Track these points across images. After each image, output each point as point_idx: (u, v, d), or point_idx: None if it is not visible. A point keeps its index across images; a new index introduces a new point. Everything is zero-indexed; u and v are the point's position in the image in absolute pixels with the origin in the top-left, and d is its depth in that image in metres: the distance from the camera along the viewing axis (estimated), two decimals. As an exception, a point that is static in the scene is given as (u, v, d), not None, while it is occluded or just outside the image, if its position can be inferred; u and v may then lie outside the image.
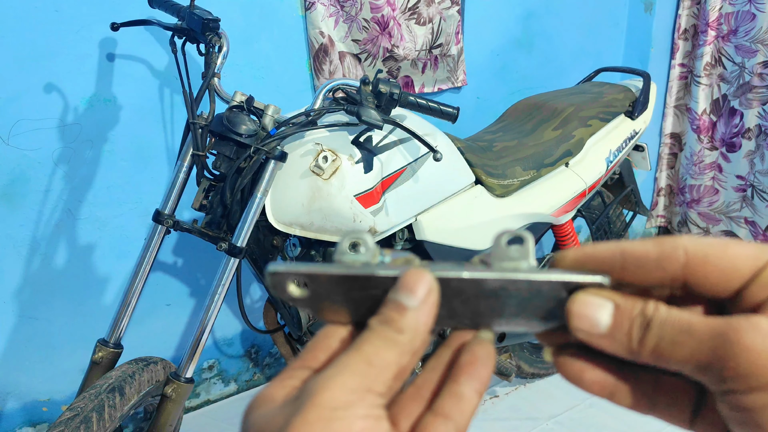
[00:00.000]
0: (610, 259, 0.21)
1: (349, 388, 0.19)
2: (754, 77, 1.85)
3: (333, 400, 0.18)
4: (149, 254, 0.98)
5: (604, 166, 1.36)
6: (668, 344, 0.19)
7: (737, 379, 0.17)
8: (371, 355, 0.20)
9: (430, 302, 0.21)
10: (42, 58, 1.15)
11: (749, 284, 0.19)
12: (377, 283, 0.21)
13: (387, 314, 0.21)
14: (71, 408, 0.85)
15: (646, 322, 0.20)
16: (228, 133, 0.92)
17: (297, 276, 0.22)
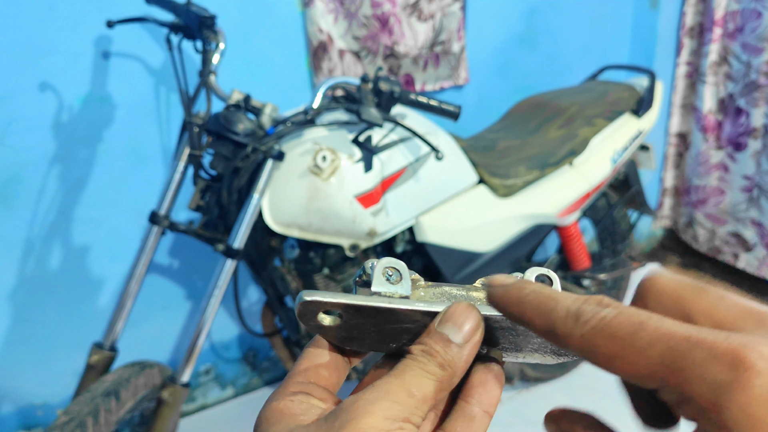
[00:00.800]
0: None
1: (390, 416, 0.19)
2: (761, 76, 1.83)
3: (374, 427, 0.19)
4: (145, 256, 0.97)
5: (609, 165, 1.34)
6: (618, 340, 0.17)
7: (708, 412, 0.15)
8: (413, 386, 0.20)
9: (475, 341, 0.21)
10: (36, 57, 1.14)
11: None
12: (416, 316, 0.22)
13: (432, 346, 0.21)
14: (66, 412, 0.85)
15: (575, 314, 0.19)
16: (225, 132, 0.90)
17: (334, 306, 0.21)
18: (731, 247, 2.05)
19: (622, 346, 0.16)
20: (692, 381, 0.15)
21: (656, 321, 0.16)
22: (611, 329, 0.17)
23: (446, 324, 0.21)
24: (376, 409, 0.19)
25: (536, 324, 0.19)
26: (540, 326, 0.19)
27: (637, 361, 0.16)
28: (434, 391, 0.20)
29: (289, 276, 1.06)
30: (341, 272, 1.06)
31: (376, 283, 0.22)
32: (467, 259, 1.15)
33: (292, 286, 1.06)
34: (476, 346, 0.21)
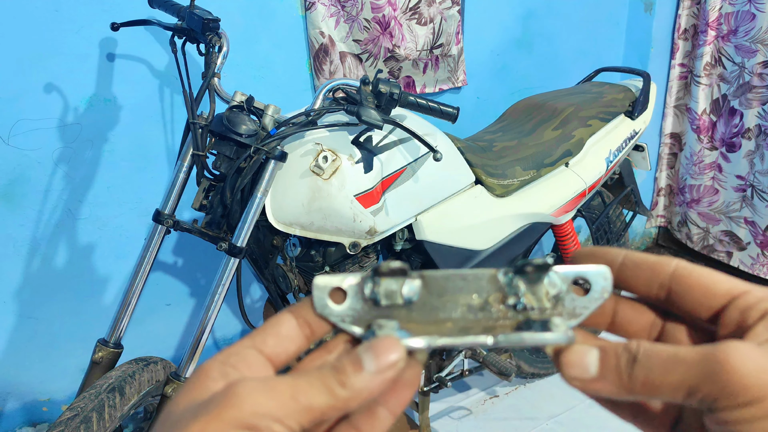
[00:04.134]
0: (615, 255, 0.24)
1: (261, 411, 0.19)
2: (754, 77, 1.85)
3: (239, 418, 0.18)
4: (149, 254, 0.98)
5: (604, 166, 1.36)
6: (658, 373, 0.20)
7: (726, 397, 0.19)
8: (301, 393, 0.20)
9: (387, 376, 0.21)
10: (42, 58, 1.15)
11: (726, 308, 0.21)
12: None
13: (342, 364, 0.21)
14: (71, 408, 0.85)
15: (633, 356, 0.21)
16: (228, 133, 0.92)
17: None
18: (725, 246, 2.07)
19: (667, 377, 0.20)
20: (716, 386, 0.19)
21: (677, 351, 0.21)
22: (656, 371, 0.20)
23: (367, 352, 0.21)
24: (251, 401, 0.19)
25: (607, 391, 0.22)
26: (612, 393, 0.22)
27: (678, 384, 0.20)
28: (324, 404, 0.20)
29: (291, 273, 1.08)
30: (342, 269, 1.08)
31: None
32: (465, 256, 1.17)
33: (294, 283, 1.08)
34: (386, 382, 0.21)
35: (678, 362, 0.20)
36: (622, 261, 0.24)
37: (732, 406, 0.19)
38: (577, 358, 0.22)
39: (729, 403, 0.19)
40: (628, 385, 0.21)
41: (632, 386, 0.21)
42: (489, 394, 1.53)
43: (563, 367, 0.22)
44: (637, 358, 0.21)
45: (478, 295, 0.25)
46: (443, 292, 0.25)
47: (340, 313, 0.24)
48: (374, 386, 0.21)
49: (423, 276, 0.25)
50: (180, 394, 0.21)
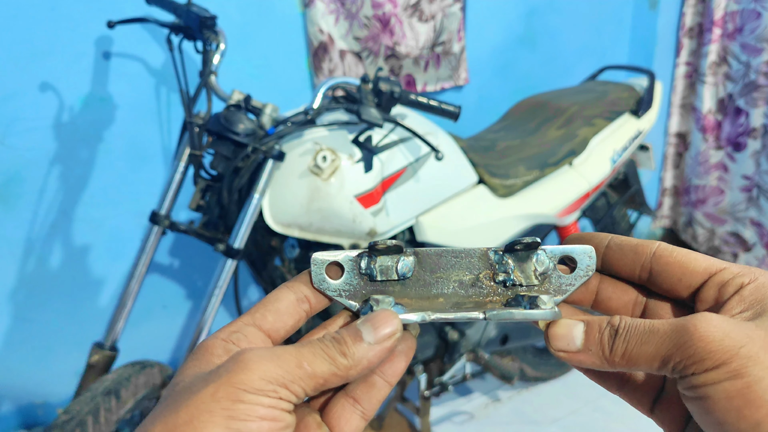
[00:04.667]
0: (601, 238, 0.26)
1: (268, 377, 0.20)
2: (760, 76, 1.83)
3: (247, 382, 0.20)
4: (145, 255, 0.97)
5: (608, 165, 1.34)
6: (636, 346, 0.22)
7: (694, 364, 0.20)
8: (305, 360, 0.21)
9: (386, 346, 0.23)
10: (37, 57, 1.14)
11: (703, 286, 0.23)
12: None
13: (343, 335, 0.23)
14: (67, 411, 0.85)
15: (614, 330, 0.23)
16: (225, 132, 0.90)
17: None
18: (731, 247, 2.05)
19: (643, 348, 0.22)
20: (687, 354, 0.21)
21: (652, 324, 0.22)
22: (633, 342, 0.22)
23: (365, 324, 0.23)
24: (259, 367, 0.20)
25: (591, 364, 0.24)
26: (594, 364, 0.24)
27: (653, 354, 0.22)
28: (327, 372, 0.21)
29: (290, 275, 1.07)
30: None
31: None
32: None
33: (293, 285, 1.06)
34: (386, 350, 0.22)
35: (653, 334, 0.22)
36: (607, 244, 0.25)
37: (699, 371, 0.20)
38: (563, 332, 0.24)
39: (697, 369, 0.20)
40: (609, 358, 0.23)
41: (613, 358, 0.23)
42: (491, 398, 1.51)
43: (550, 339, 0.24)
44: (618, 332, 0.23)
45: (470, 272, 0.26)
46: (436, 269, 0.26)
47: (337, 288, 0.25)
48: (373, 356, 0.22)
49: (417, 253, 0.26)
50: (184, 368, 0.22)
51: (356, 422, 0.24)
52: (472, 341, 1.24)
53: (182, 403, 0.20)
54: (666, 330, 0.21)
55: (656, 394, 0.24)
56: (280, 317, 0.24)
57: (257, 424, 0.19)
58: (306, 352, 0.21)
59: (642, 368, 0.22)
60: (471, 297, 0.26)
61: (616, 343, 0.22)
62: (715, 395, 0.20)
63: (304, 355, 0.21)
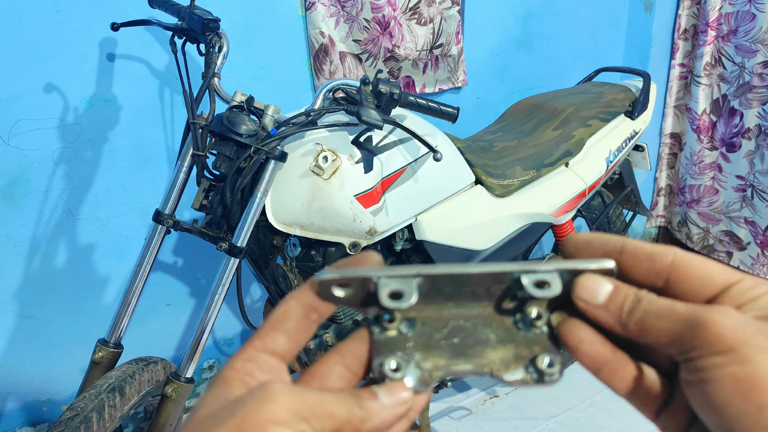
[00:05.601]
0: (613, 244, 0.25)
1: (292, 409, 0.21)
2: (754, 77, 1.85)
3: (273, 413, 0.20)
4: (149, 254, 0.98)
5: (604, 166, 1.36)
6: (652, 318, 0.23)
7: (702, 346, 0.21)
8: (326, 401, 0.22)
9: (398, 411, 0.24)
10: (42, 58, 1.15)
11: (720, 296, 0.23)
12: None
13: (360, 392, 0.24)
14: (71, 408, 0.85)
15: (638, 299, 0.24)
16: (228, 133, 0.92)
17: (345, 281, 0.25)
18: (725, 246, 2.07)
19: (658, 322, 0.23)
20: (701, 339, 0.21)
21: (674, 303, 0.23)
22: (651, 314, 0.23)
23: (382, 388, 0.24)
24: (284, 399, 0.21)
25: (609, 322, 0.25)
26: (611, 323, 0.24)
27: (665, 330, 0.23)
28: (344, 416, 0.22)
29: (291, 274, 1.08)
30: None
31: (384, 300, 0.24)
32: (465, 256, 1.17)
33: (294, 283, 1.08)
34: (398, 415, 0.24)
35: (671, 312, 0.22)
36: (620, 251, 0.25)
37: (706, 355, 0.21)
38: (592, 285, 0.25)
39: (704, 353, 0.21)
40: (624, 320, 0.24)
41: (627, 322, 0.24)
42: (489, 394, 1.53)
43: (577, 288, 0.25)
44: (641, 302, 0.24)
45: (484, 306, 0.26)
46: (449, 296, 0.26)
47: (346, 297, 0.25)
48: (386, 415, 0.23)
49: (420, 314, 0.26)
50: (205, 397, 0.23)
51: None
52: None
53: (209, 431, 0.20)
54: (684, 311, 0.22)
55: (663, 401, 0.24)
56: (292, 337, 0.24)
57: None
58: (327, 395, 0.22)
59: (650, 340, 0.23)
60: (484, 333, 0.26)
61: (635, 309, 0.23)
62: (721, 378, 0.20)
63: (325, 396, 0.22)
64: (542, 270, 0.25)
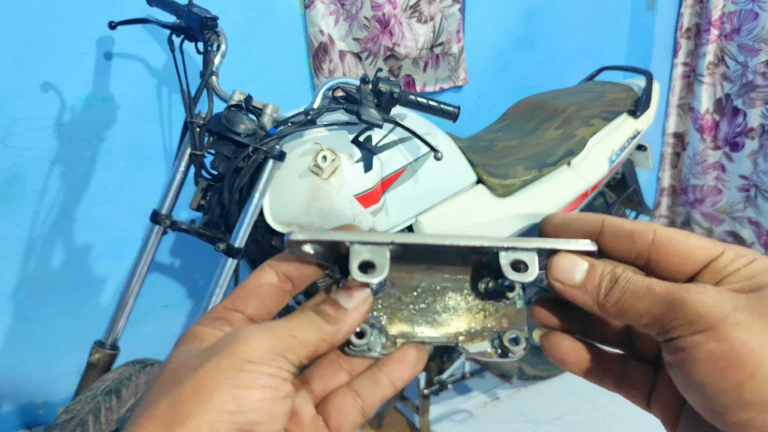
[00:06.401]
0: (593, 223, 0.25)
1: (266, 347, 0.21)
2: (758, 76, 1.84)
3: (248, 352, 0.21)
4: (146, 255, 0.97)
5: (606, 165, 1.35)
6: (630, 299, 0.22)
7: (681, 326, 0.21)
8: (296, 329, 0.22)
9: (362, 310, 0.24)
10: (39, 57, 1.14)
11: (701, 273, 0.23)
12: None
13: (322, 306, 0.24)
14: (67, 410, 0.85)
15: (615, 278, 0.23)
16: (226, 132, 0.91)
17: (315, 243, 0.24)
18: (728, 247, 2.06)
19: (636, 302, 0.22)
20: (680, 317, 0.21)
21: (651, 282, 0.23)
22: (629, 295, 0.23)
23: (339, 293, 0.24)
24: (257, 338, 0.21)
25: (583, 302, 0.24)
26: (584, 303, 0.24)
27: (644, 311, 0.22)
28: (316, 338, 0.23)
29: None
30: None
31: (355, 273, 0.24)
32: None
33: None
34: (363, 313, 0.24)
35: (649, 292, 0.22)
36: (600, 231, 0.25)
37: (685, 334, 0.21)
38: (567, 264, 0.24)
39: (683, 332, 0.21)
40: (602, 302, 0.23)
41: (605, 303, 0.23)
42: (490, 396, 1.52)
43: (552, 268, 0.24)
44: (617, 281, 0.23)
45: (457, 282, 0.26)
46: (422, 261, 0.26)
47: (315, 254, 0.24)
48: (354, 318, 0.24)
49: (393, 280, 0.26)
50: (175, 352, 0.23)
51: (354, 416, 0.25)
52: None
53: (185, 377, 0.20)
54: (661, 291, 0.22)
55: (650, 389, 0.25)
56: (263, 302, 0.24)
57: (261, 392, 0.20)
58: (295, 323, 0.23)
59: (629, 320, 0.23)
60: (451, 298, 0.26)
61: (612, 290, 0.23)
62: (699, 356, 0.20)
63: (294, 326, 0.22)
64: (521, 247, 0.24)
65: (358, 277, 0.23)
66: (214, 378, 0.20)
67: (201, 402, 0.19)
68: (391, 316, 0.25)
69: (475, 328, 0.26)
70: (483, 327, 0.26)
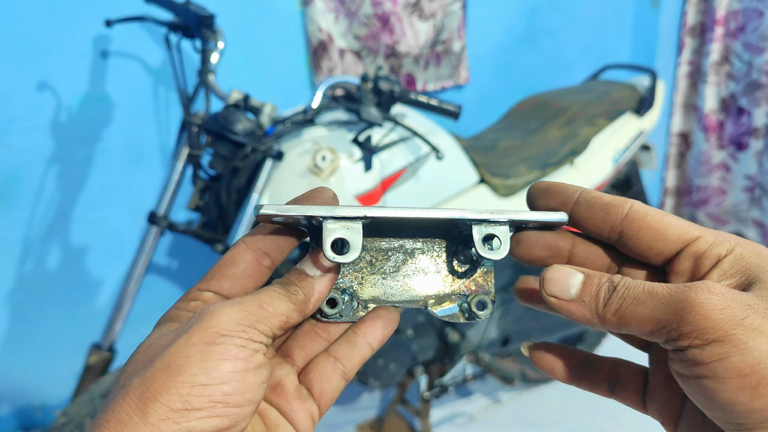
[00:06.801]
0: (571, 192, 0.25)
1: (235, 320, 0.21)
2: (762, 75, 1.82)
3: (217, 326, 0.21)
4: (144, 256, 0.96)
5: (610, 165, 1.33)
6: (631, 305, 0.21)
7: (692, 333, 0.19)
8: (264, 301, 0.22)
9: (329, 276, 0.24)
10: (35, 56, 1.13)
11: (678, 256, 0.22)
12: None
13: (289, 278, 0.24)
14: (65, 413, 0.85)
15: (613, 286, 0.22)
16: (224, 131, 0.90)
17: (282, 218, 0.24)
18: (733, 248, 2.04)
19: (638, 309, 0.21)
20: (685, 321, 0.20)
21: (652, 286, 0.21)
22: (629, 301, 0.21)
23: (305, 262, 0.24)
24: (226, 312, 0.21)
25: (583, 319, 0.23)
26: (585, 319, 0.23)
27: (647, 317, 0.21)
28: (286, 309, 0.23)
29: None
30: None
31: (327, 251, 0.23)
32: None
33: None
34: (331, 279, 0.24)
35: (651, 297, 0.21)
36: (576, 200, 0.24)
37: (699, 344, 0.19)
38: (561, 277, 0.23)
39: (696, 341, 0.19)
40: (601, 313, 0.22)
41: (605, 314, 0.22)
42: (492, 399, 1.51)
43: (545, 283, 0.23)
44: (616, 288, 0.22)
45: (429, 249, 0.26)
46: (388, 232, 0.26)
47: (285, 221, 0.24)
48: (322, 285, 0.24)
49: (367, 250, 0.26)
50: (150, 336, 0.23)
51: (336, 381, 0.25)
52: (472, 343, 1.23)
53: (156, 354, 0.21)
54: (664, 294, 0.20)
55: (642, 391, 0.24)
56: (238, 281, 0.24)
57: (232, 364, 0.20)
58: (263, 295, 0.23)
59: (632, 330, 0.21)
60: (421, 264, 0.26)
61: (611, 298, 0.22)
62: (723, 373, 0.18)
63: (262, 298, 0.22)
64: (494, 220, 0.23)
65: (332, 257, 0.23)
66: (184, 353, 0.20)
67: (172, 377, 0.19)
68: (362, 281, 0.26)
69: (444, 291, 0.26)
70: (451, 291, 0.26)
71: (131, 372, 0.21)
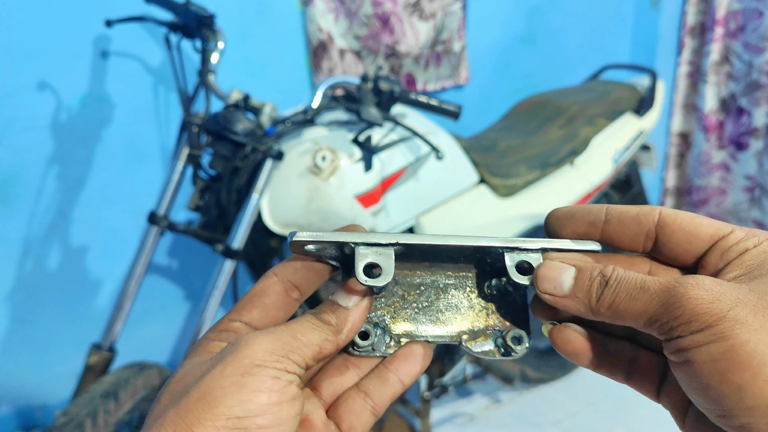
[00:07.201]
0: (596, 213, 0.24)
1: (269, 350, 0.21)
2: (762, 75, 1.82)
3: (252, 356, 0.21)
4: (144, 256, 0.96)
5: (610, 165, 1.33)
6: (624, 300, 0.21)
7: (681, 324, 0.20)
8: (298, 331, 0.22)
9: (363, 305, 0.24)
10: (35, 56, 1.13)
11: (708, 253, 0.22)
12: None
13: (322, 308, 0.24)
14: (65, 413, 0.85)
15: (605, 280, 0.22)
16: (224, 131, 0.90)
17: (314, 244, 0.24)
18: (733, 248, 2.04)
19: (631, 303, 0.21)
20: (675, 313, 0.20)
21: (644, 280, 0.22)
22: (622, 296, 0.22)
23: (338, 293, 0.24)
24: (260, 342, 0.21)
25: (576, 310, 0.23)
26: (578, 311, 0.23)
27: (640, 311, 0.21)
28: (319, 339, 0.23)
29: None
30: (341, 273, 1.05)
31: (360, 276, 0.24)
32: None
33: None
34: (364, 311, 0.24)
35: (643, 291, 0.21)
36: (605, 219, 0.24)
37: (685, 334, 0.20)
38: (553, 274, 0.23)
39: (683, 331, 0.20)
40: (595, 307, 0.22)
41: (599, 308, 0.22)
42: (492, 399, 1.50)
43: (538, 280, 0.23)
44: (608, 283, 0.22)
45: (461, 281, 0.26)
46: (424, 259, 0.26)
47: (318, 252, 0.24)
48: (356, 315, 0.24)
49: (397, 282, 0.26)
50: (184, 365, 0.23)
51: (366, 417, 0.25)
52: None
53: (190, 385, 0.20)
54: (656, 288, 0.21)
55: (660, 382, 0.24)
56: (268, 312, 0.24)
57: (267, 396, 0.20)
58: (296, 326, 0.23)
59: (627, 323, 0.22)
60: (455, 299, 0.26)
61: (604, 293, 0.22)
62: (699, 358, 0.19)
63: (295, 329, 0.22)
64: (526, 248, 0.23)
65: (364, 281, 0.23)
66: (219, 384, 0.20)
67: (207, 408, 0.19)
68: (395, 315, 0.26)
69: (478, 326, 0.26)
70: (486, 326, 0.26)
71: (166, 403, 0.21)
